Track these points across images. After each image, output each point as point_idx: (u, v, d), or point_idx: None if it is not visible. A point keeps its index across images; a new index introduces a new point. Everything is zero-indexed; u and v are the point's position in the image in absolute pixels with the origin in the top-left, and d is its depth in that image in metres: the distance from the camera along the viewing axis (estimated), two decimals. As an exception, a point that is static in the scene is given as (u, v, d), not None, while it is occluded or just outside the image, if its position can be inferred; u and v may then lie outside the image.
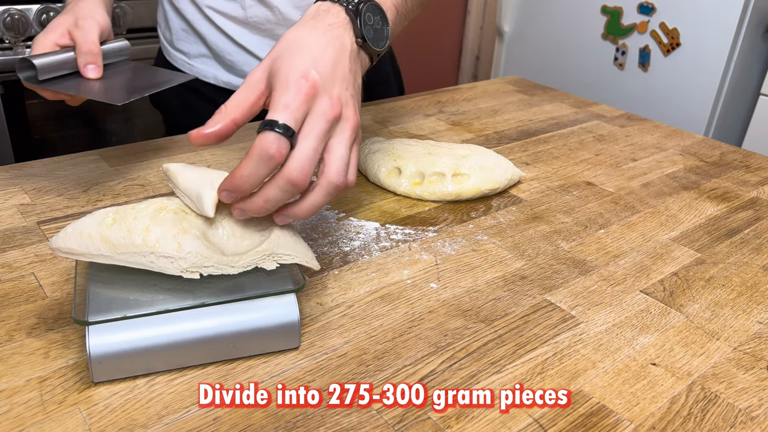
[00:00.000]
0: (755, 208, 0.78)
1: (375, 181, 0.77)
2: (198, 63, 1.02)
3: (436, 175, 0.74)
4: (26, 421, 0.42)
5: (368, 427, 0.44)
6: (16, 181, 0.73)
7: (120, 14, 1.62)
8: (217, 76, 1.01)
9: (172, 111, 1.09)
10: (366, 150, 0.80)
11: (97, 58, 0.71)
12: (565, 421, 0.45)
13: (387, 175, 0.75)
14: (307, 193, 0.50)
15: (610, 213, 0.74)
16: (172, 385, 0.46)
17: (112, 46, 0.75)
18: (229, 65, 1.00)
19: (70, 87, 0.68)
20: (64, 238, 0.48)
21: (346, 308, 0.55)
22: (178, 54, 1.03)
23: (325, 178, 0.50)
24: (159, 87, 0.73)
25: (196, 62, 1.02)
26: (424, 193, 0.74)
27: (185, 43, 1.02)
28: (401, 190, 0.75)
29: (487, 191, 0.75)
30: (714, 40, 1.79)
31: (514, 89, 1.18)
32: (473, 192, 0.74)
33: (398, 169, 0.75)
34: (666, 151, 0.93)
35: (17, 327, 0.50)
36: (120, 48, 0.76)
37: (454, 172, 0.74)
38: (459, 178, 0.74)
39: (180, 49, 1.03)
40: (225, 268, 0.48)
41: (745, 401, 0.48)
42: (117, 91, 0.70)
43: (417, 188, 0.74)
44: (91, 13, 0.73)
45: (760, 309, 0.59)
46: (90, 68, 0.71)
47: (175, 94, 1.06)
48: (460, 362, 0.50)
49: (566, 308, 0.57)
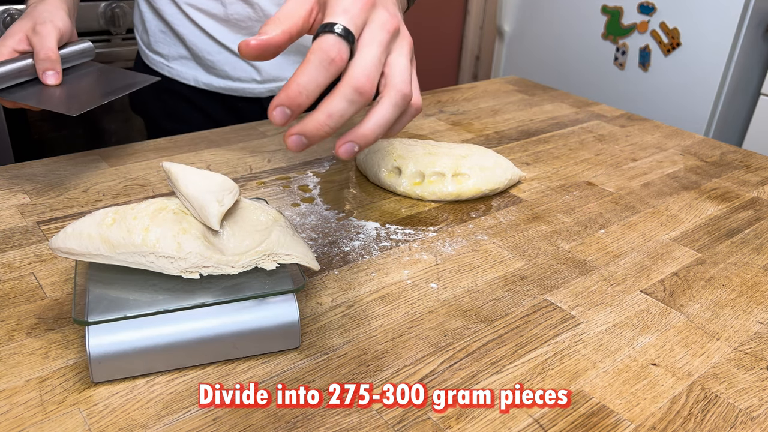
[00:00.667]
0: (755, 208, 0.78)
1: (375, 181, 0.77)
2: (177, 65, 1.01)
3: (437, 175, 0.74)
4: (26, 421, 0.42)
5: (368, 427, 0.44)
6: (16, 181, 0.73)
7: (120, 14, 1.62)
8: (197, 78, 1.00)
9: (154, 117, 1.08)
10: (366, 150, 0.80)
11: (56, 64, 0.69)
12: (566, 422, 0.45)
13: (387, 175, 0.75)
14: (372, 110, 0.46)
15: (611, 213, 0.74)
16: (172, 385, 0.46)
17: (73, 48, 0.73)
18: (209, 66, 0.99)
19: (30, 96, 0.67)
20: (63, 238, 0.48)
21: (346, 308, 0.55)
22: (156, 56, 1.02)
23: (392, 88, 0.45)
24: (123, 91, 0.71)
25: (175, 64, 1.01)
26: (424, 193, 0.74)
27: (163, 45, 1.00)
28: (401, 189, 0.74)
29: (488, 191, 0.75)
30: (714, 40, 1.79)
31: (515, 89, 1.18)
32: (473, 192, 0.74)
33: (398, 168, 0.75)
34: (666, 151, 0.93)
35: (17, 327, 0.50)
36: (82, 50, 0.75)
37: (454, 172, 0.74)
38: (459, 178, 0.74)
39: (158, 51, 1.01)
40: (225, 268, 0.48)
41: (745, 401, 0.48)
42: (76, 100, 0.68)
43: (417, 188, 0.74)
44: (50, 17, 0.71)
45: (761, 309, 0.58)
46: (48, 74, 0.69)
47: (156, 99, 1.05)
48: (460, 362, 0.50)
49: (566, 308, 0.57)
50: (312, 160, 0.83)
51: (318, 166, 0.82)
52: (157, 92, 1.03)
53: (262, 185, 0.76)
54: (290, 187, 0.76)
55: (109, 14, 1.62)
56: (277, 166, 0.81)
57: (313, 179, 0.78)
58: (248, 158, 0.82)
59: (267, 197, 0.73)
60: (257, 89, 1.01)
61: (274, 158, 0.83)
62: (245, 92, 1.01)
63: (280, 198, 0.73)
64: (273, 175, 0.78)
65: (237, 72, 0.99)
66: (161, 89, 1.02)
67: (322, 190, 0.75)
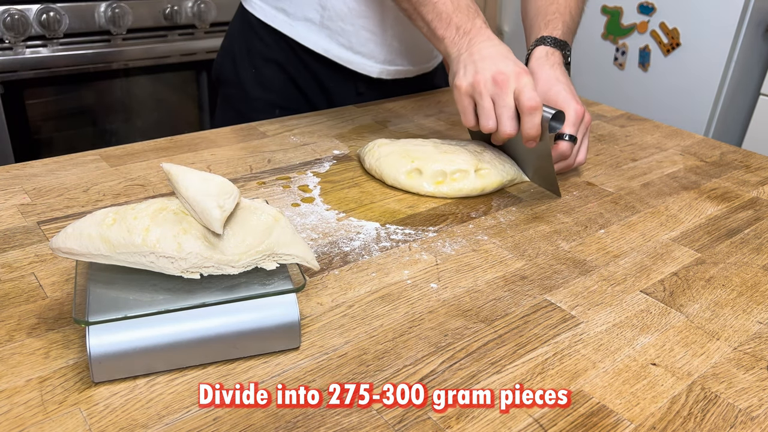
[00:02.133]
0: (755, 208, 0.78)
1: (394, 184, 0.77)
2: (300, 26, 0.99)
3: (460, 172, 0.76)
4: (26, 421, 0.42)
5: (368, 427, 0.44)
6: (16, 181, 0.73)
7: (120, 14, 1.62)
8: (318, 43, 1.00)
9: (243, 83, 1.06)
10: (377, 153, 0.79)
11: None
12: (565, 421, 0.45)
13: (408, 177, 0.76)
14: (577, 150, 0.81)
15: (610, 213, 0.74)
16: (172, 385, 0.46)
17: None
18: (336, 32, 0.98)
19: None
20: (64, 238, 0.48)
21: (346, 308, 0.55)
22: (278, 13, 1.00)
23: (582, 157, 0.81)
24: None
25: (298, 25, 0.99)
26: (450, 191, 0.75)
27: (291, 3, 0.99)
28: (425, 190, 0.75)
29: (507, 182, 0.78)
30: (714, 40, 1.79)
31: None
32: (496, 184, 0.77)
33: (418, 170, 0.76)
34: (666, 151, 0.93)
35: (17, 327, 0.50)
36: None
37: (476, 167, 0.77)
38: (481, 172, 0.77)
39: (283, 9, 1.00)
40: (225, 268, 0.48)
41: (745, 401, 0.48)
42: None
43: (442, 186, 0.75)
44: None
45: (760, 309, 0.59)
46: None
47: (249, 65, 1.04)
48: (460, 362, 0.50)
49: (566, 308, 0.57)
50: (312, 160, 0.83)
51: (318, 166, 0.82)
52: (251, 58, 1.03)
53: (262, 185, 0.76)
54: (290, 187, 0.76)
55: (109, 14, 1.62)
56: (277, 166, 0.81)
57: (313, 179, 0.78)
58: (248, 158, 0.82)
59: (267, 197, 0.73)
60: (374, 68, 1.02)
61: (274, 158, 0.83)
62: (361, 68, 1.02)
63: (280, 198, 0.73)
64: (273, 175, 0.78)
65: (362, 47, 1.00)
66: (256, 55, 1.03)
67: (322, 190, 0.75)
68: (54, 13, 1.53)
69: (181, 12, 1.72)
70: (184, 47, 1.78)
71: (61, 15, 1.54)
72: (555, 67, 0.83)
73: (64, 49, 1.60)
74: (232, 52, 1.07)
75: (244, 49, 1.05)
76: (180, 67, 1.81)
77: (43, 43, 1.56)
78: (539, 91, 0.77)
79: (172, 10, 1.71)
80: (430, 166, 0.76)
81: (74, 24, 1.58)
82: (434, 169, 0.76)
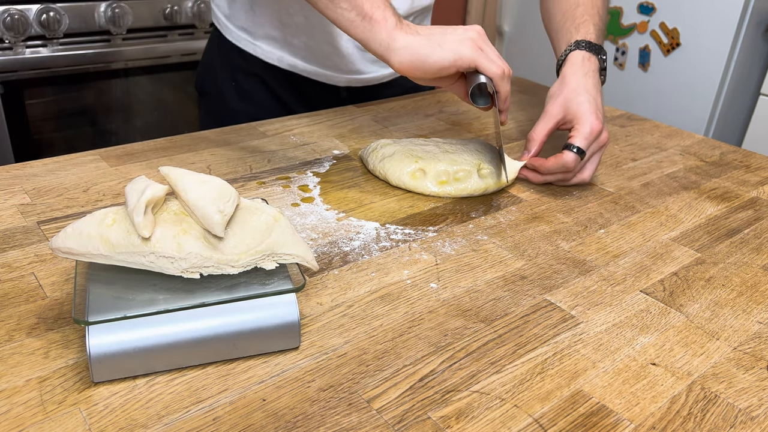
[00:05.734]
0: (755, 208, 0.78)
1: (398, 184, 0.77)
2: (263, 44, 1.00)
3: (463, 172, 0.76)
4: (26, 421, 0.42)
5: (368, 427, 0.44)
6: (16, 181, 0.73)
7: (120, 14, 1.63)
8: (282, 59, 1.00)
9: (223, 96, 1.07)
10: (380, 154, 0.79)
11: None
12: (565, 421, 0.45)
13: (412, 177, 0.76)
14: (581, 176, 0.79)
15: (610, 213, 0.74)
16: (172, 385, 0.46)
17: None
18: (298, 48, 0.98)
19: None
20: (64, 238, 0.48)
21: (346, 308, 0.55)
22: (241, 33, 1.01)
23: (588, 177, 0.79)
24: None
25: (261, 43, 1.00)
26: (454, 191, 0.75)
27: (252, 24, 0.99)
28: (429, 191, 0.75)
29: (509, 182, 0.79)
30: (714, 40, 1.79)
31: (514, 89, 1.18)
32: (500, 183, 0.77)
33: (422, 170, 0.76)
34: (666, 151, 0.93)
35: (17, 327, 0.50)
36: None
37: (479, 167, 0.77)
38: (484, 172, 0.77)
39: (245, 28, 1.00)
40: (225, 268, 0.48)
41: (745, 401, 0.48)
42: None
43: (446, 187, 0.75)
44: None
45: (760, 309, 0.59)
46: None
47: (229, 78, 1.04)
48: (460, 362, 0.50)
49: (566, 308, 0.57)
50: (312, 160, 0.83)
51: (318, 166, 0.82)
52: (231, 72, 1.04)
53: (262, 185, 0.76)
54: (290, 187, 0.76)
55: (109, 14, 1.62)
56: (277, 166, 0.81)
57: (313, 179, 0.78)
58: (248, 158, 0.82)
59: (267, 197, 0.73)
60: (340, 79, 1.02)
61: (274, 158, 0.83)
62: (328, 80, 1.02)
63: (280, 198, 0.73)
64: (273, 175, 0.78)
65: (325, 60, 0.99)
66: (236, 69, 1.03)
67: (322, 190, 0.75)
68: (54, 13, 1.53)
69: (181, 12, 1.72)
70: (184, 47, 1.78)
71: (61, 15, 1.54)
72: (588, 76, 0.81)
73: (64, 49, 1.60)
74: (212, 66, 1.07)
75: (224, 63, 1.04)
76: (180, 67, 1.81)
77: (43, 43, 1.56)
78: (563, 99, 0.80)
79: (172, 10, 1.71)
80: (434, 166, 0.76)
81: (74, 24, 1.58)
82: (438, 169, 0.76)
